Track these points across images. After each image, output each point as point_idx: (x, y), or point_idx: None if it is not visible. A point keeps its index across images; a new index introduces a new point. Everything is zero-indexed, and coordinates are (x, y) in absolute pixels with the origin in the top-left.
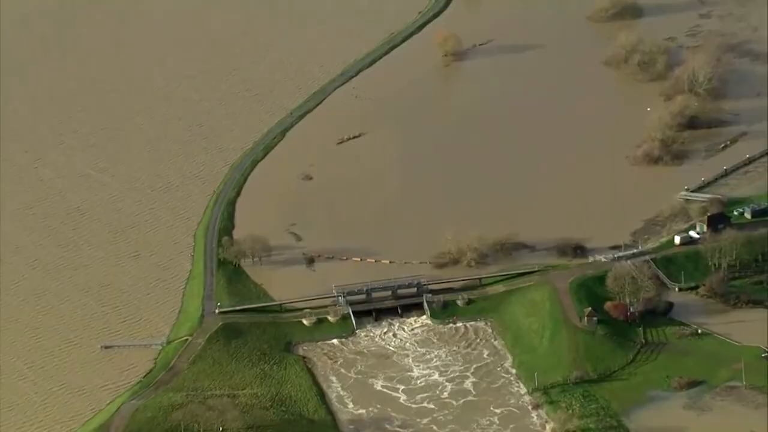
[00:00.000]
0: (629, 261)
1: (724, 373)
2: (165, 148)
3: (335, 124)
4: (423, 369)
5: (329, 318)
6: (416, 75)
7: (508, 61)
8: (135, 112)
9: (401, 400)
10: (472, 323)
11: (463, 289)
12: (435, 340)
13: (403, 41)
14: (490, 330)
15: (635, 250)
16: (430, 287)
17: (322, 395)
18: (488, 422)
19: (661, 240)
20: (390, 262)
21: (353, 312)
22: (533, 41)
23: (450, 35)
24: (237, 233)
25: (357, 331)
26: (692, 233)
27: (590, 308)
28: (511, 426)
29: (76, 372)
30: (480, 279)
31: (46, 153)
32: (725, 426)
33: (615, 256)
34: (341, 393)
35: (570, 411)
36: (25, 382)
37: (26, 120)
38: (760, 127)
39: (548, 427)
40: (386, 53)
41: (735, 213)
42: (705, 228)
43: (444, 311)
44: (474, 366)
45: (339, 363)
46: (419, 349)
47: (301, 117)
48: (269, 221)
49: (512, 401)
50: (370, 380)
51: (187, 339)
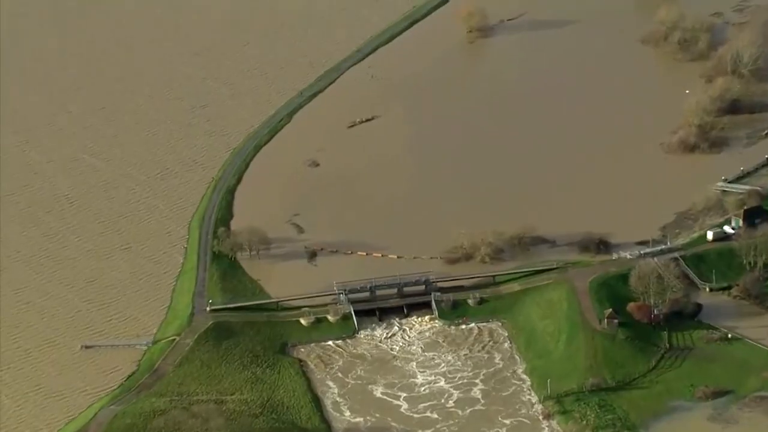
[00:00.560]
0: (656, 258)
1: (754, 382)
2: (164, 131)
3: (347, 106)
4: (428, 375)
5: (329, 317)
6: (437, 53)
7: (538, 38)
8: (134, 92)
9: (402, 409)
10: (484, 324)
11: (475, 288)
12: (443, 343)
13: (426, 15)
14: (503, 332)
15: (663, 247)
16: (440, 285)
17: (318, 402)
18: None
19: (693, 235)
20: (398, 257)
21: (355, 311)
22: (566, 16)
23: (476, 9)
24: (235, 224)
25: (358, 332)
26: (726, 228)
27: (610, 310)
28: None
29: (54, 374)
30: (494, 276)
31: (36, 134)
32: None
33: (641, 253)
34: (338, 399)
35: (584, 422)
36: None
37: (17, 98)
38: None
39: None
40: (406, 29)
41: None
42: (740, 223)
43: (453, 311)
44: (484, 371)
45: (337, 367)
46: (425, 353)
47: (312, 97)
48: (270, 211)
49: (523, 411)
50: (370, 386)
51: (175, 339)
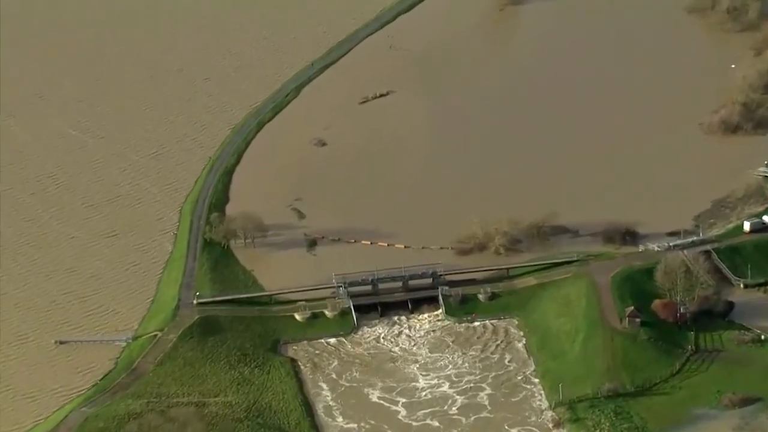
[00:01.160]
0: (685, 251)
1: None
2: (162, 106)
3: (361, 80)
4: (431, 378)
5: (326, 313)
6: (463, 22)
7: (574, 6)
8: (133, 62)
9: (400, 416)
10: (495, 322)
11: (487, 281)
12: (449, 342)
13: None
14: (515, 331)
15: (695, 238)
16: (448, 278)
17: (308, 406)
18: None
19: (729, 226)
20: (405, 247)
21: (355, 306)
22: None
23: None
24: (231, 209)
25: (357, 330)
26: (766, 218)
27: (632, 307)
28: None
29: (25, 373)
30: (508, 269)
31: (23, 108)
32: None
33: (669, 245)
34: (330, 403)
35: (597, 431)
36: None
37: (4, 68)
38: None
39: None
40: None
41: None
42: None
43: (462, 307)
44: (492, 374)
45: (331, 367)
46: (430, 354)
47: (323, 70)
48: (270, 195)
49: (532, 418)
50: (366, 390)
51: (157, 335)
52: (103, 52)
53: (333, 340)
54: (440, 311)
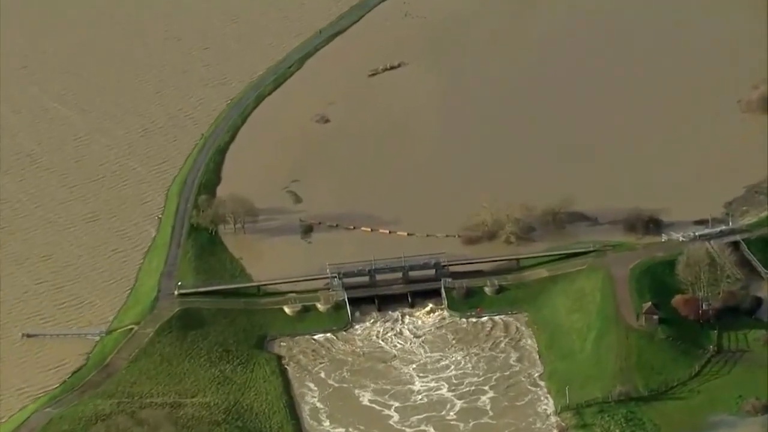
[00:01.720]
0: (712, 241)
1: None
2: (155, 78)
3: (371, 50)
4: (429, 380)
5: (318, 306)
6: None
7: None
8: (126, 30)
9: (392, 421)
10: (502, 318)
11: (495, 273)
12: (451, 340)
13: None
14: (523, 327)
15: (724, 227)
16: (452, 269)
17: (294, 407)
18: None
19: (762, 214)
20: (408, 235)
21: (350, 299)
22: None
23: None
24: (222, 190)
25: (352, 325)
26: None
27: (649, 303)
28: None
29: None
30: (518, 260)
31: (3, 78)
32: None
33: (695, 234)
34: (317, 405)
35: None
36: None
37: None
38: None
39: None
40: None
41: None
42: None
43: (466, 301)
44: (496, 375)
45: (321, 366)
46: (430, 354)
47: (331, 39)
48: (265, 176)
49: (537, 425)
50: (357, 391)
51: (132, 328)
52: (94, 18)
53: (324, 336)
54: (443, 305)
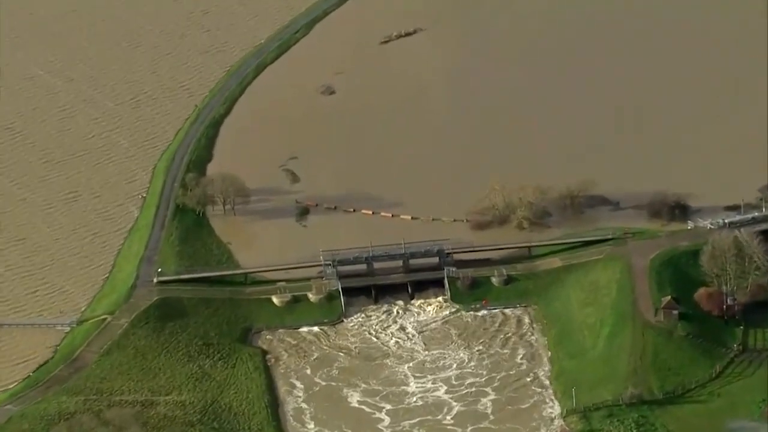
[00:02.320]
0: (742, 229)
1: None
2: (149, 45)
3: (385, 14)
4: (426, 381)
5: (309, 296)
6: None
7: None
8: None
9: (382, 425)
10: (509, 311)
11: (504, 262)
12: (453, 335)
13: None
14: (532, 322)
15: (756, 214)
16: (457, 257)
17: (276, 407)
18: None
19: None
20: (412, 219)
21: (344, 289)
22: None
23: None
24: (213, 168)
25: (345, 317)
26: None
27: (669, 297)
28: None
29: None
30: (529, 248)
31: None
32: None
33: (724, 222)
34: (302, 405)
35: None
36: None
37: None
38: None
39: None
40: None
41: None
42: None
43: (472, 292)
44: (500, 375)
45: (309, 362)
46: (429, 351)
47: (343, 2)
48: (261, 152)
49: (542, 430)
50: (346, 391)
51: (106, 318)
52: None
53: (315, 329)
54: (446, 296)
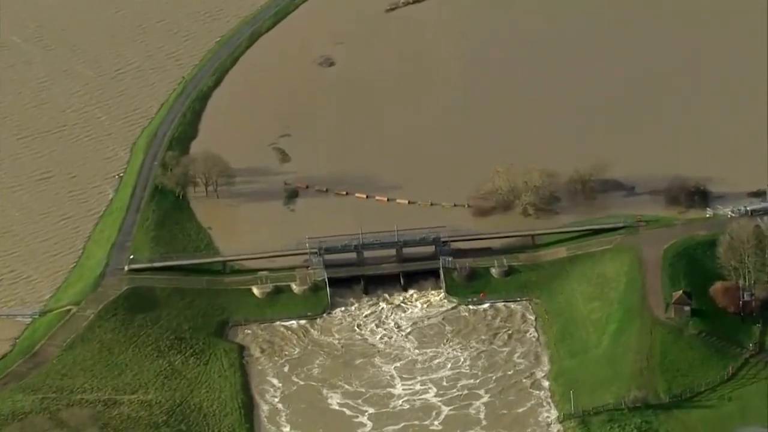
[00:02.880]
0: (765, 218)
1: None
2: (135, 11)
3: None
4: (414, 382)
5: (293, 287)
6: None
7: None
8: None
9: (364, 430)
10: (509, 305)
11: (506, 251)
12: (447, 331)
13: None
14: (533, 317)
15: None
16: (455, 245)
17: (250, 408)
18: None
19: None
20: (409, 203)
21: (331, 279)
22: None
23: None
24: (198, 146)
25: (331, 310)
26: None
27: (680, 292)
28: None
29: None
30: (533, 236)
31: None
32: None
33: (746, 209)
34: (278, 406)
35: None
36: None
37: None
38: None
39: None
40: None
41: None
42: None
43: (469, 284)
44: (497, 375)
45: (289, 358)
46: (421, 349)
47: None
48: (251, 129)
49: None
50: (326, 392)
51: (70, 309)
52: None
53: (297, 323)
54: (441, 289)
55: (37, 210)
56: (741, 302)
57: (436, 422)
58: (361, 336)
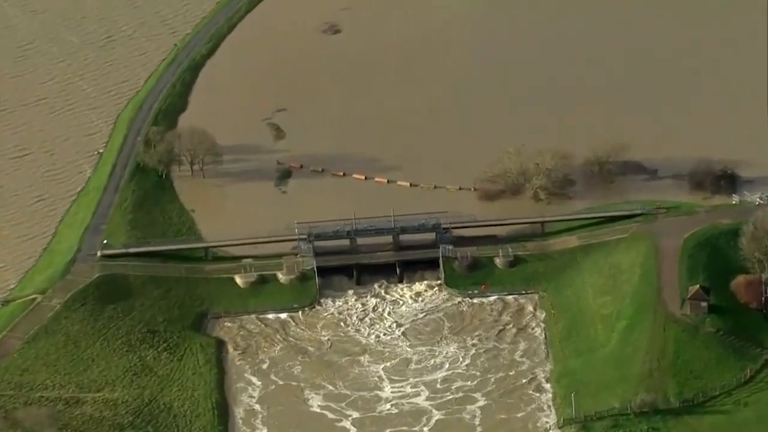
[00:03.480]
0: None
1: None
2: None
3: None
4: (405, 383)
5: (279, 276)
6: None
7: None
8: None
9: None
10: (513, 298)
11: (512, 240)
12: (445, 326)
13: None
14: (539, 312)
15: None
16: (457, 233)
17: (225, 409)
18: None
19: None
20: (411, 186)
21: (321, 268)
22: None
23: None
24: (185, 120)
25: (320, 302)
26: None
27: (698, 286)
28: None
29: None
30: (542, 223)
31: None
32: None
33: None
34: (255, 407)
35: None
36: None
37: None
38: None
39: None
40: None
41: None
42: None
43: (471, 275)
44: (497, 376)
45: (270, 355)
46: (415, 346)
47: None
48: (245, 102)
49: None
50: (308, 393)
51: (35, 298)
52: None
53: (282, 316)
54: (439, 280)
55: (10, 190)
56: (764, 298)
57: (426, 428)
58: (351, 331)
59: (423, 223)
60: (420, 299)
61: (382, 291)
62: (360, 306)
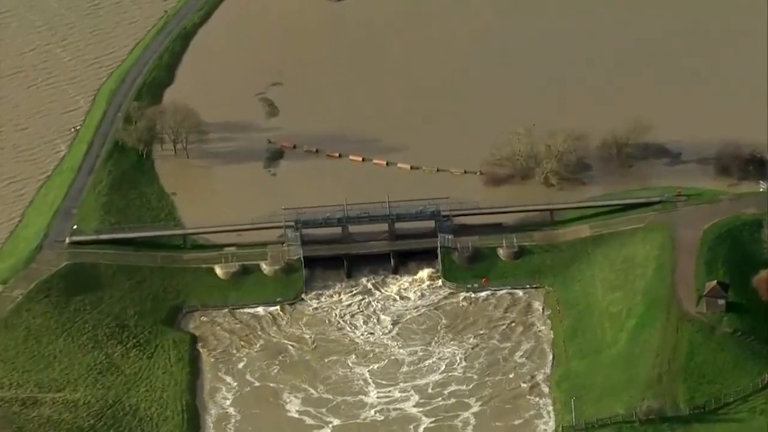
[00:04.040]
0: None
1: None
2: None
3: None
4: (394, 389)
5: (263, 266)
6: None
7: None
8: None
9: None
10: (516, 293)
11: (518, 229)
12: (441, 324)
13: None
14: (543, 307)
15: None
16: (458, 220)
17: (195, 411)
18: None
19: None
20: (411, 168)
21: (309, 258)
22: None
23: None
24: (171, 94)
25: (305, 296)
26: None
27: (715, 282)
28: None
29: None
30: (551, 210)
31: None
32: None
33: None
34: (228, 410)
35: None
36: None
37: None
38: None
39: None
40: None
41: None
42: None
43: (471, 267)
44: (495, 378)
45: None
46: (407, 347)
47: None
48: (237, 75)
49: None
50: (287, 396)
51: None
52: None
53: (264, 311)
54: (437, 272)
55: None
56: None
57: None
58: (337, 329)
59: (421, 210)
60: (415, 294)
61: (375, 284)
62: (349, 301)
